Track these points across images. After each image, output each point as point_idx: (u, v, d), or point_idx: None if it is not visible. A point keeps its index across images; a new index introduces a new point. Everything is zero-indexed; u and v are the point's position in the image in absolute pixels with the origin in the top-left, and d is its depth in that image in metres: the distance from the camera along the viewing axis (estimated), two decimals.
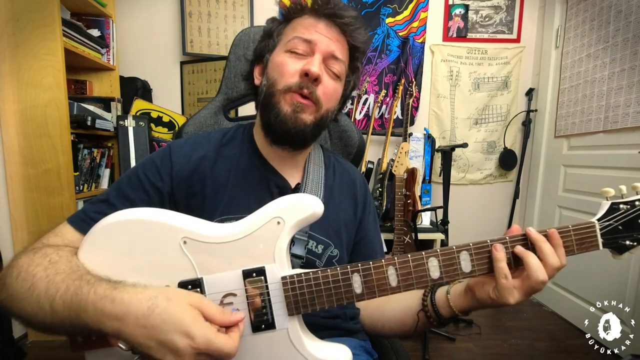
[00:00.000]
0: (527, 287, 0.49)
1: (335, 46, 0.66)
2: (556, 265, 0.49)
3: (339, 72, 0.67)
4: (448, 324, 0.62)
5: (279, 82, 0.64)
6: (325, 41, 0.65)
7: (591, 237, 0.51)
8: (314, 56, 0.64)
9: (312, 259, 0.66)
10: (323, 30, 0.65)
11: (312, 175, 0.70)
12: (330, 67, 0.66)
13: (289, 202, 0.52)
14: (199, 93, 2.33)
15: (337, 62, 0.66)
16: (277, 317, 0.51)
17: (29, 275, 0.47)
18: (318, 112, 0.65)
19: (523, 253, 0.50)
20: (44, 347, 1.71)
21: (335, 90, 0.68)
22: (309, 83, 0.63)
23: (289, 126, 0.63)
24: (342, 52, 0.67)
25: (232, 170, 0.67)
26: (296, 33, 0.65)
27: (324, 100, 0.65)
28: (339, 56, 0.66)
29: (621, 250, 0.51)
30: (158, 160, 0.66)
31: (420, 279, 0.51)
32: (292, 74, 0.63)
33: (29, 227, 1.68)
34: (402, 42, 2.36)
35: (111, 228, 0.51)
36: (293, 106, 0.63)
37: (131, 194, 0.62)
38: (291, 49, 0.65)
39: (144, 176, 0.63)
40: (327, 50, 0.65)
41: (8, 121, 1.62)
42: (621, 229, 0.51)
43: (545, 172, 2.36)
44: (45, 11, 1.57)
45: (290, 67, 0.64)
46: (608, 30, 1.86)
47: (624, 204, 0.51)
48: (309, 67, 0.62)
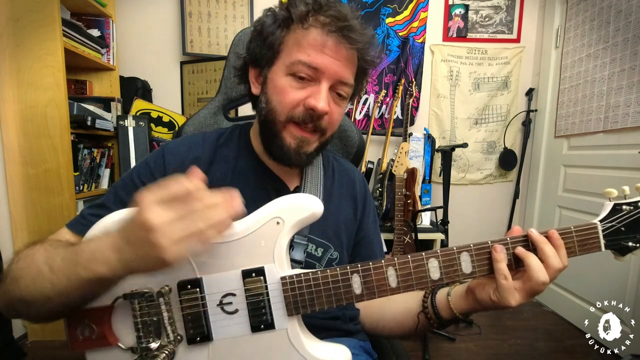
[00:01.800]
0: (528, 288, 0.49)
1: (345, 71, 0.60)
2: (557, 267, 0.49)
3: (347, 93, 0.63)
4: (448, 326, 0.62)
5: (281, 111, 0.60)
6: (334, 67, 0.58)
7: (593, 238, 0.51)
8: (320, 85, 0.58)
9: (312, 262, 0.65)
10: (332, 50, 0.58)
11: (310, 177, 0.69)
12: (337, 91, 0.61)
13: (288, 202, 0.52)
14: (199, 93, 2.33)
15: (346, 86, 0.62)
16: (277, 317, 0.50)
17: (29, 256, 0.48)
18: (323, 138, 0.63)
19: (524, 254, 0.49)
20: (44, 347, 1.71)
21: (340, 112, 0.64)
22: (314, 117, 0.59)
23: (291, 158, 0.62)
24: (351, 73, 0.62)
25: (229, 172, 0.67)
26: (300, 55, 0.58)
27: (329, 128, 0.63)
28: (349, 81, 0.61)
29: (623, 252, 0.51)
30: (152, 163, 0.65)
31: (420, 280, 0.51)
32: (295, 104, 0.59)
33: (29, 227, 1.68)
34: (402, 42, 2.36)
35: (109, 228, 0.50)
36: (297, 140, 0.61)
37: (126, 198, 0.61)
38: (294, 72, 0.59)
39: (138, 180, 0.63)
40: (336, 78, 0.59)
41: (8, 121, 1.62)
42: (624, 230, 0.50)
43: (545, 172, 2.36)
44: (45, 11, 1.57)
45: (293, 97, 0.59)
46: (608, 30, 1.86)
47: (627, 205, 0.51)
48: (315, 103, 0.57)
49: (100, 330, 0.50)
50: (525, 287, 0.49)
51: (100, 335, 0.50)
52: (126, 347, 0.50)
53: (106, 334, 0.50)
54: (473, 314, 0.59)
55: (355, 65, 0.62)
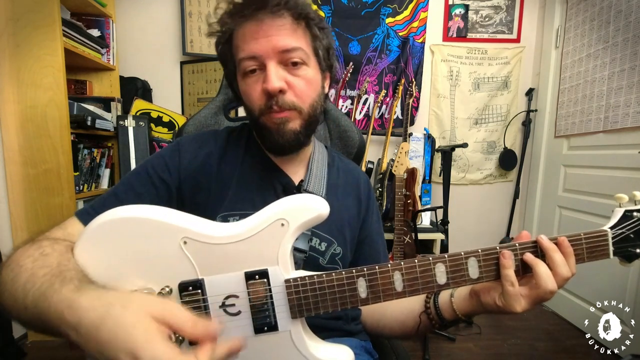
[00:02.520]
0: (535, 296, 0.48)
1: (283, 38, 0.59)
2: (566, 276, 0.48)
3: (303, 57, 0.61)
4: (450, 327, 0.61)
5: (253, 108, 0.63)
6: (269, 44, 0.58)
7: (603, 245, 0.50)
8: (267, 68, 0.59)
9: (315, 256, 0.65)
10: (263, 30, 0.58)
11: (315, 172, 0.70)
12: (291, 60, 0.60)
13: (293, 203, 0.51)
14: (199, 93, 2.33)
15: (294, 51, 0.60)
16: (280, 319, 0.50)
17: (17, 265, 0.46)
18: (302, 113, 0.63)
19: (533, 261, 0.49)
20: (44, 347, 1.71)
21: (308, 79, 0.63)
22: (276, 98, 0.60)
23: (280, 141, 0.63)
24: (294, 35, 0.60)
25: (237, 168, 0.68)
26: (240, 54, 0.61)
27: (299, 101, 0.62)
28: (292, 45, 0.60)
29: (631, 259, 0.50)
30: (167, 156, 0.67)
31: (426, 285, 0.50)
32: (258, 98, 0.61)
33: (29, 227, 1.68)
34: (402, 42, 2.36)
35: (107, 226, 0.49)
36: (275, 124, 0.62)
37: (139, 188, 0.62)
38: (245, 71, 0.62)
39: (152, 171, 0.64)
40: (276, 51, 0.59)
41: (8, 121, 1.62)
42: (632, 237, 0.50)
43: (545, 172, 2.36)
44: (45, 11, 1.57)
45: (254, 93, 0.62)
46: (608, 30, 1.86)
47: (638, 211, 0.50)
48: (265, 85, 0.59)
49: None
50: (532, 294, 0.49)
51: None
52: None
53: None
54: None
55: (296, 25, 0.61)
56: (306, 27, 0.62)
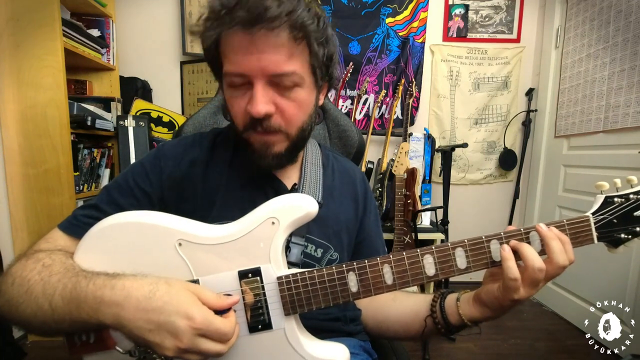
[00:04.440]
0: (527, 278, 0.49)
1: (277, 61, 0.53)
2: (563, 263, 0.49)
3: (296, 80, 0.55)
4: (456, 333, 0.60)
5: (237, 122, 0.59)
6: (259, 63, 0.52)
7: (586, 231, 0.51)
8: (254, 88, 0.54)
9: (311, 264, 0.64)
10: (254, 46, 0.52)
11: (309, 175, 0.68)
12: (281, 84, 0.55)
13: (283, 202, 0.52)
14: (199, 93, 2.33)
15: (287, 75, 0.54)
16: (274, 317, 0.51)
17: (24, 280, 0.48)
18: (289, 137, 0.59)
19: (517, 245, 0.50)
20: (44, 347, 1.71)
21: (299, 102, 0.57)
22: (260, 121, 0.55)
23: (262, 163, 0.60)
24: (289, 58, 0.53)
25: (225, 173, 0.65)
26: (228, 66, 0.55)
27: (287, 125, 0.58)
28: (285, 70, 0.53)
29: (616, 244, 0.51)
30: (148, 165, 0.63)
31: (415, 277, 0.51)
32: (241, 115, 0.57)
33: (29, 227, 1.68)
34: (402, 42, 2.36)
35: (107, 231, 0.52)
36: (259, 144, 0.58)
37: (120, 200, 0.60)
38: (230, 84, 0.57)
39: (133, 182, 0.62)
40: (267, 73, 0.53)
41: (8, 121, 1.62)
42: (616, 222, 0.51)
43: (545, 172, 2.36)
44: (45, 11, 1.58)
45: (237, 108, 0.57)
46: (608, 30, 1.86)
47: (619, 197, 0.51)
48: (250, 109, 0.54)
49: (97, 334, 0.50)
50: (524, 277, 0.49)
51: (98, 339, 0.50)
52: (124, 350, 0.50)
53: (104, 337, 0.50)
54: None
55: (294, 44, 0.53)
56: (305, 45, 0.55)
